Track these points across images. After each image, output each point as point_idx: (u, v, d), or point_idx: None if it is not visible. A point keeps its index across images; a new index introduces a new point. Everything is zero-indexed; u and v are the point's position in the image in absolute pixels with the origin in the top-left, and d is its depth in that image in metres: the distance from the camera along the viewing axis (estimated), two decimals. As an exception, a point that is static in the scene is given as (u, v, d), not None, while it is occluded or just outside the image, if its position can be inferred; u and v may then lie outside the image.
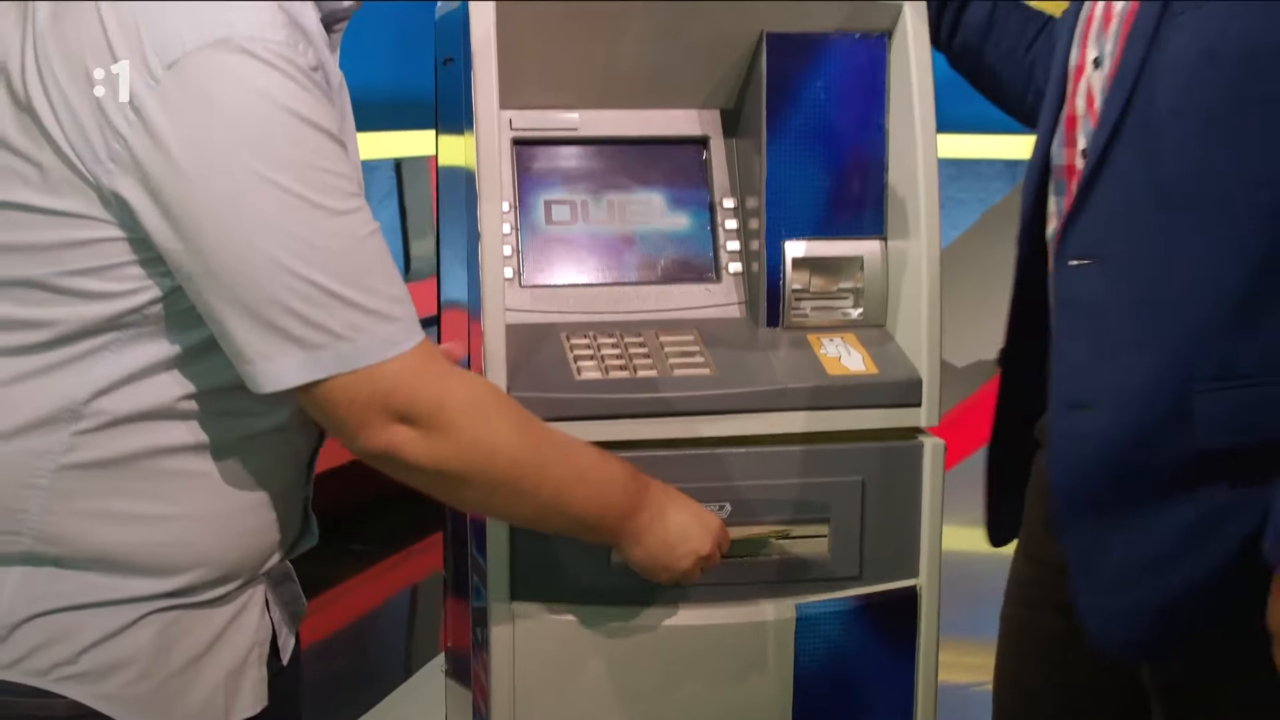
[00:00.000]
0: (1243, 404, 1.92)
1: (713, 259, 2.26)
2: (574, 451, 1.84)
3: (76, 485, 1.69)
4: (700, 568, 1.96)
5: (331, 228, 1.61)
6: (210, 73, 1.58)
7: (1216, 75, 1.88)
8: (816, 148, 2.18)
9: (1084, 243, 2.00)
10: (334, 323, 1.62)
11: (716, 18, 2.13)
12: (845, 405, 2.13)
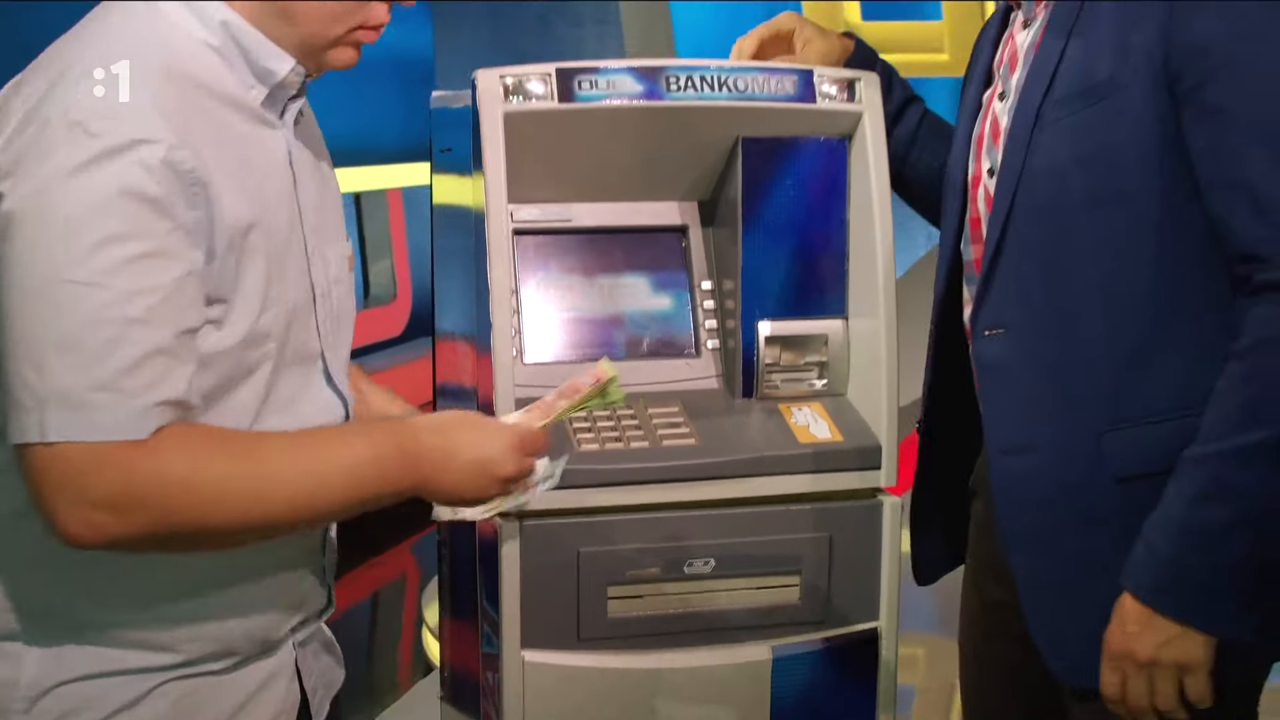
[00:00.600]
0: (1151, 439, 1.98)
1: (693, 336, 2.29)
2: (306, 457, 1.69)
3: (75, 562, 1.66)
4: (519, 479, 1.81)
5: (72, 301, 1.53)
6: None
7: (1081, 175, 1.97)
8: (786, 237, 2.23)
9: (993, 316, 2.06)
10: (40, 383, 1.54)
11: (699, 126, 2.17)
12: (814, 470, 2.18)
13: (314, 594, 1.86)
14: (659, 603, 2.16)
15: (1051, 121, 1.99)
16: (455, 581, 2.43)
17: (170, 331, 1.56)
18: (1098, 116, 1.95)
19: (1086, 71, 1.96)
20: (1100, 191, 1.96)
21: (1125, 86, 1.93)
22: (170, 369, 1.56)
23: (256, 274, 1.67)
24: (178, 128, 1.59)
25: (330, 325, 1.83)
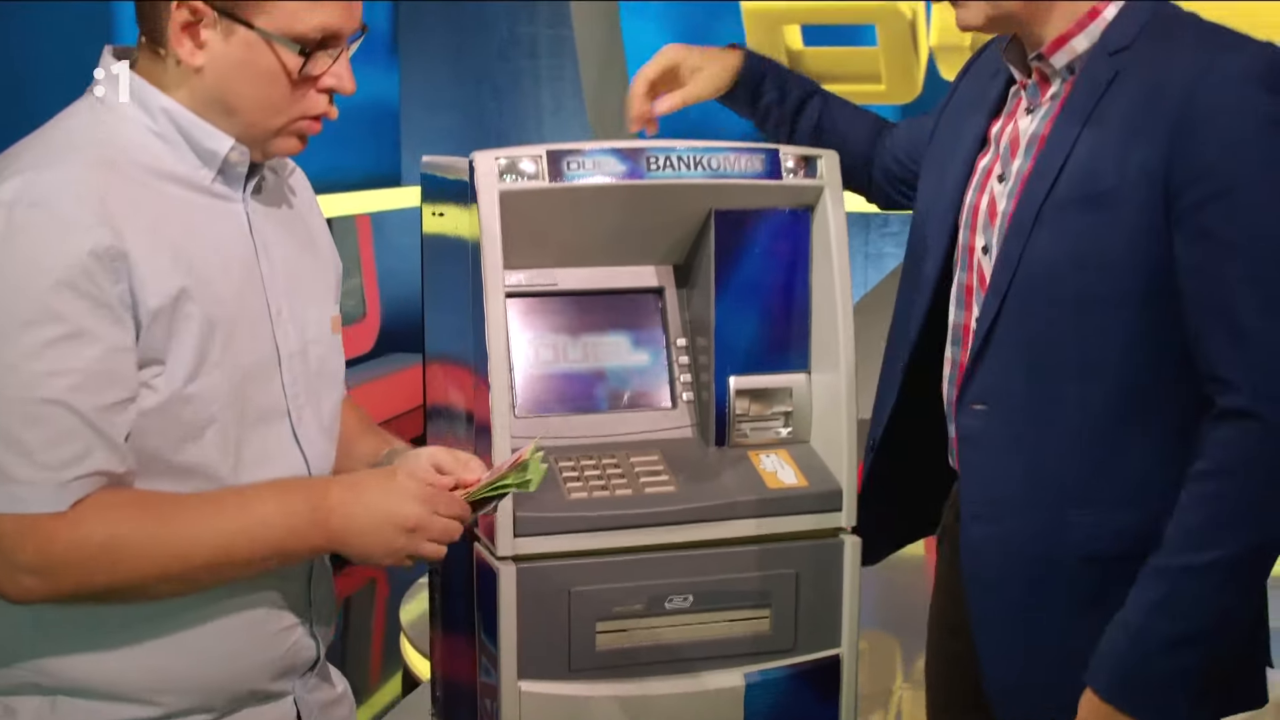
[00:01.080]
0: (1113, 524, 2.00)
1: (669, 389, 2.31)
2: (219, 517, 1.68)
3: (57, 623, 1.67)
4: (427, 539, 1.75)
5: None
6: None
7: (1075, 275, 1.96)
8: (754, 299, 2.24)
9: (980, 391, 2.06)
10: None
11: (675, 200, 2.19)
12: (782, 513, 2.20)
13: (301, 649, 1.85)
14: (643, 636, 2.18)
15: (1052, 220, 1.97)
16: (448, 607, 2.43)
17: (90, 407, 1.57)
18: (1096, 224, 1.94)
19: (1090, 178, 1.94)
20: (1091, 292, 1.95)
21: (1125, 199, 1.92)
22: (91, 444, 1.58)
23: (189, 336, 1.67)
24: (98, 205, 1.60)
25: (302, 385, 1.82)
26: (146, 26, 1.70)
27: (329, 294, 1.91)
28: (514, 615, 2.09)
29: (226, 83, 1.69)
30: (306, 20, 1.68)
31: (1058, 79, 2.03)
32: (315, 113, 1.75)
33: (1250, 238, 1.86)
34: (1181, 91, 1.87)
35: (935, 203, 2.18)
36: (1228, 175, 1.85)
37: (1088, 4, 1.98)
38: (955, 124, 2.22)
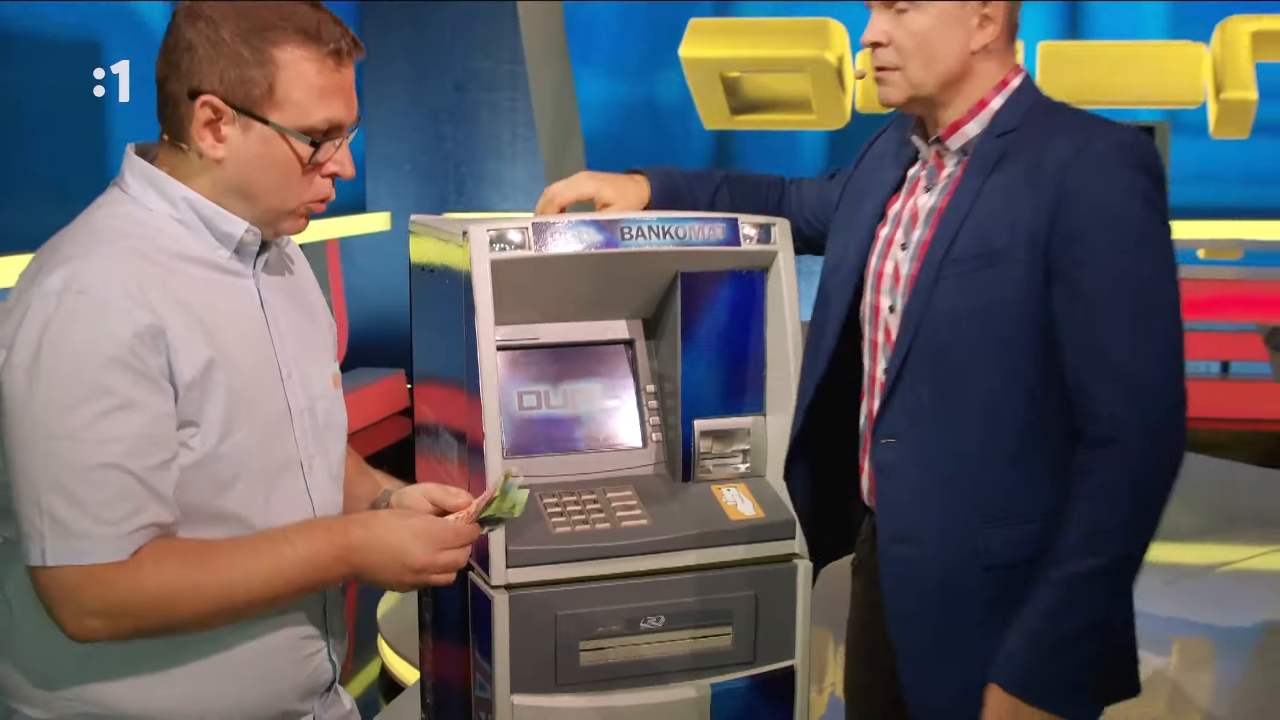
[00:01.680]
0: (1016, 537, 2.05)
1: (640, 430, 2.34)
2: (257, 563, 1.71)
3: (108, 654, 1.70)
4: (435, 571, 1.81)
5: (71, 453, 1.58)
6: None
7: (979, 321, 2.02)
8: (716, 351, 2.28)
9: (889, 429, 2.11)
10: (40, 521, 1.60)
11: (646, 264, 2.22)
12: (742, 542, 2.24)
13: (322, 671, 1.88)
14: (621, 653, 2.20)
15: (950, 275, 2.03)
16: (439, 622, 2.44)
17: (141, 468, 1.61)
18: (990, 278, 2.01)
19: (983, 239, 2.01)
20: (987, 338, 2.02)
21: (1014, 258, 1.98)
22: (144, 500, 1.62)
23: (218, 401, 1.70)
24: (137, 290, 1.63)
25: (312, 436, 1.85)
26: (170, 125, 1.74)
27: (328, 354, 1.94)
28: (507, 637, 2.12)
29: (245, 172, 1.72)
30: (315, 115, 1.72)
31: (953, 161, 2.11)
32: (321, 196, 1.79)
33: (1115, 292, 1.94)
34: (1059, 168, 1.96)
35: (840, 265, 2.23)
36: (1096, 239, 1.94)
37: (978, 96, 2.08)
38: (858, 198, 2.26)
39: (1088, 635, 1.98)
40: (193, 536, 1.70)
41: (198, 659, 1.74)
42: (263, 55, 1.69)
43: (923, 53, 2.05)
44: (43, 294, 1.62)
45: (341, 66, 1.74)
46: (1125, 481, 1.95)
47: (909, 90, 2.08)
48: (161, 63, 1.72)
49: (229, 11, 1.69)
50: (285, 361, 1.81)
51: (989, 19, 2.05)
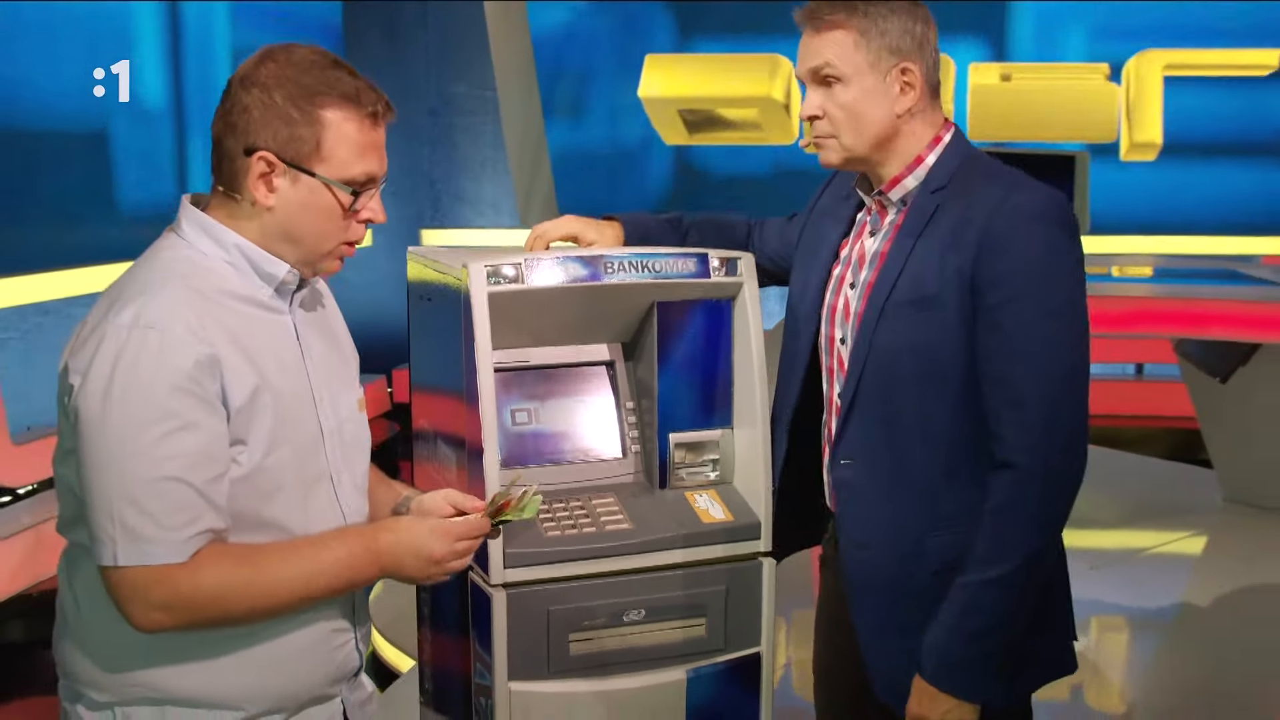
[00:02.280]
0: (953, 541, 2.10)
1: (620, 442, 2.36)
2: (300, 565, 1.77)
3: (167, 645, 1.76)
4: (452, 560, 1.87)
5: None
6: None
7: (916, 357, 2.08)
8: (688, 371, 2.32)
9: (846, 451, 2.17)
10: (112, 528, 1.66)
11: (626, 295, 2.26)
12: (713, 542, 2.28)
13: (350, 658, 1.93)
14: (606, 643, 2.23)
15: (892, 317, 2.08)
16: (436, 615, 2.48)
17: (200, 481, 1.68)
18: (925, 319, 2.06)
19: (919, 284, 2.06)
20: (923, 371, 2.08)
21: (944, 302, 2.04)
22: (202, 509, 1.69)
23: (264, 423, 1.76)
24: (196, 325, 1.70)
25: (340, 453, 1.89)
26: (225, 177, 1.79)
27: (353, 380, 1.98)
28: (505, 630, 2.16)
29: (293, 218, 1.79)
30: (355, 168, 1.79)
31: (893, 209, 2.17)
32: (355, 238, 1.84)
33: (1029, 332, 2.00)
34: (984, 221, 2.03)
35: (803, 299, 2.28)
36: (1016, 285, 2.00)
37: (914, 153, 2.14)
38: (816, 240, 2.31)
39: (988, 633, 2.05)
40: (241, 542, 1.76)
41: (244, 650, 1.78)
42: (311, 116, 1.76)
43: (852, 121, 2.11)
44: (115, 328, 1.68)
45: (377, 126, 1.82)
46: (1023, 502, 2.02)
47: (844, 154, 2.14)
48: (219, 123, 1.79)
49: (280, 78, 1.76)
50: (317, 388, 1.86)
51: (909, 85, 2.11)
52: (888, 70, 2.10)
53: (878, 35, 2.09)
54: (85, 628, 1.79)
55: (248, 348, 1.75)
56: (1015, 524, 2.03)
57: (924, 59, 2.13)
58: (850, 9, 2.09)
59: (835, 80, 2.11)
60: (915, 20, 2.11)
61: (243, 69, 1.79)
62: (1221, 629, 4.71)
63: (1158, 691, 4.24)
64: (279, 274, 1.82)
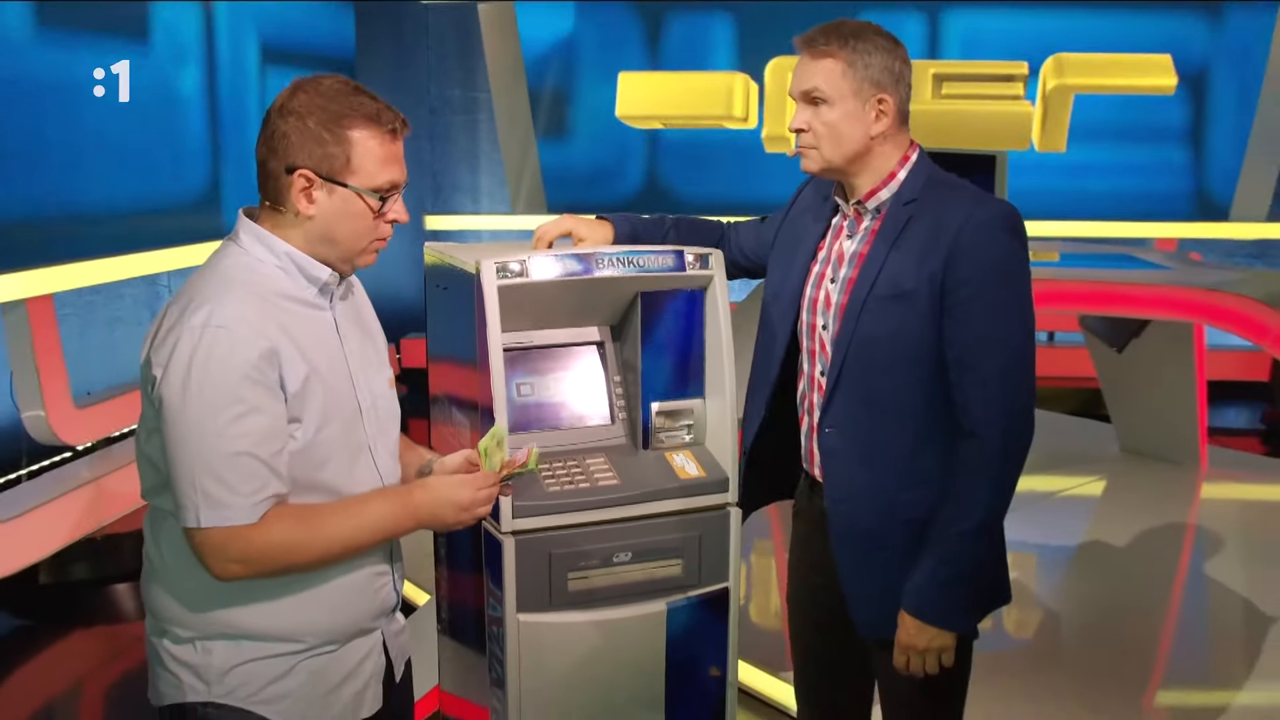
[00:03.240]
0: (923, 498, 2.14)
1: (609, 411, 2.40)
2: (350, 521, 1.81)
3: (241, 589, 1.80)
4: (477, 507, 1.89)
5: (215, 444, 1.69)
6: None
7: (893, 343, 2.11)
8: (667, 350, 2.35)
9: (830, 421, 2.19)
10: (195, 496, 1.70)
11: (614, 286, 2.30)
12: (688, 494, 2.32)
13: (389, 596, 1.96)
14: (599, 580, 2.28)
15: (872, 309, 2.11)
16: (452, 556, 2.52)
17: (266, 454, 1.73)
18: (901, 310, 2.10)
19: (896, 282, 2.10)
20: (899, 355, 2.11)
21: (919, 297, 2.08)
22: (268, 478, 1.73)
23: (315, 404, 1.80)
24: (258, 324, 1.73)
25: (376, 426, 1.92)
26: (270, 193, 1.82)
27: (384, 363, 1.99)
28: (514, 571, 2.21)
29: (331, 223, 1.82)
30: (380, 177, 1.81)
31: (869, 216, 2.20)
32: (386, 236, 1.87)
33: (987, 324, 2.07)
34: (953, 230, 2.07)
35: (782, 291, 2.30)
36: (979, 284, 2.06)
37: (887, 169, 2.19)
38: (794, 242, 2.31)
39: (964, 576, 2.13)
40: (300, 503, 1.80)
41: (303, 591, 1.83)
42: (340, 136, 1.79)
43: (832, 137, 2.16)
44: (190, 328, 1.72)
45: (396, 140, 1.84)
46: (986, 467, 2.08)
47: (823, 163, 2.19)
48: (262, 148, 1.82)
49: (311, 106, 1.80)
50: (355, 372, 1.90)
51: (884, 113, 2.15)
52: (868, 98, 2.14)
53: (863, 68, 2.13)
54: (169, 576, 1.84)
55: (299, 341, 1.79)
56: (980, 485, 2.09)
57: (899, 93, 2.17)
58: (842, 43, 2.14)
59: (822, 101, 2.15)
60: (895, 59, 2.16)
61: (279, 100, 1.81)
62: (1119, 560, 4.78)
63: (1066, 615, 4.31)
64: (322, 277, 1.85)
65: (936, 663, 2.15)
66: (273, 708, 1.82)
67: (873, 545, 2.20)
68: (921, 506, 2.15)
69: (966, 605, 2.16)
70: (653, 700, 2.36)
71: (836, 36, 2.15)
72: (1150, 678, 3.75)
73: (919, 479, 2.16)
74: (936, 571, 2.12)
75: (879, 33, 2.17)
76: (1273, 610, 4.25)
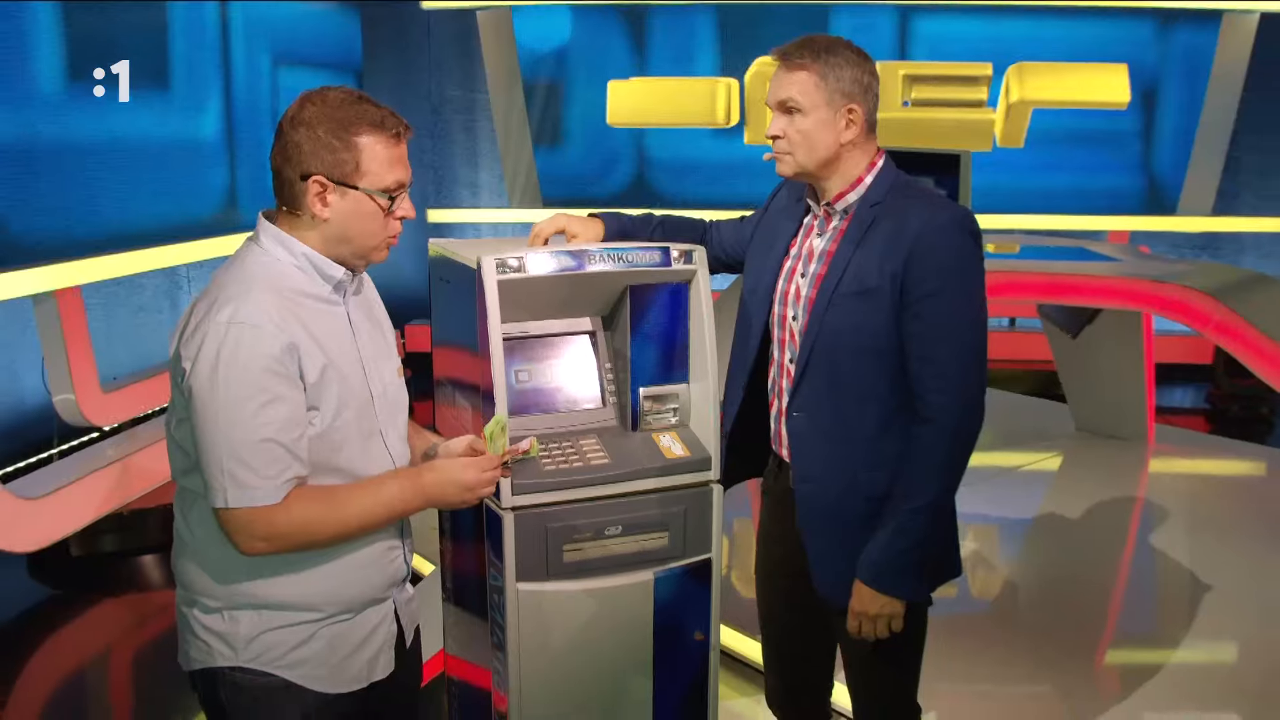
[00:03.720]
0: (882, 478, 2.17)
1: (600, 395, 2.39)
2: (365, 500, 1.83)
3: (265, 563, 1.82)
4: (481, 487, 1.92)
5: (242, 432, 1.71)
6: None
7: (856, 335, 2.15)
8: (654, 339, 2.35)
9: (798, 405, 2.23)
10: (223, 479, 1.72)
11: (605, 280, 2.30)
12: (674, 472, 2.32)
13: (400, 568, 1.99)
14: (591, 552, 2.28)
15: (839, 304, 2.15)
16: (456, 532, 2.50)
17: (288, 440, 1.75)
18: (865, 305, 2.13)
19: (861, 279, 2.13)
20: (862, 346, 2.15)
21: (882, 293, 2.11)
22: (290, 461, 1.76)
23: (332, 393, 1.82)
24: (279, 319, 1.75)
25: (387, 412, 1.94)
26: (286, 199, 1.84)
27: (392, 353, 2.02)
28: (513, 543, 2.22)
29: (345, 223, 1.83)
30: (388, 178, 1.83)
31: (837, 217, 2.24)
32: (395, 233, 1.88)
33: (944, 320, 2.10)
34: (914, 232, 2.11)
35: (758, 285, 2.33)
36: (935, 284, 2.09)
37: (855, 174, 2.21)
38: (770, 239, 2.35)
39: (914, 548, 2.17)
40: (319, 484, 1.83)
41: (322, 564, 1.86)
42: (348, 143, 1.81)
43: (806, 144, 2.18)
44: (216, 325, 1.74)
45: (400, 143, 1.85)
46: (939, 450, 2.12)
47: (796, 168, 2.22)
48: (277, 158, 1.84)
49: (320, 116, 1.81)
50: (367, 362, 1.92)
51: (853, 122, 2.18)
52: (839, 108, 2.16)
53: (835, 80, 2.15)
54: (198, 551, 1.86)
55: (316, 334, 1.81)
56: (933, 466, 2.12)
57: (867, 103, 2.19)
58: (815, 56, 2.16)
59: (796, 110, 2.17)
60: (864, 72, 2.18)
61: (289, 112, 1.82)
62: (1072, 531, 4.82)
63: (1024, 581, 4.35)
64: (336, 275, 1.87)
65: (887, 628, 2.19)
66: (295, 671, 1.85)
67: (835, 520, 2.23)
68: (881, 485, 2.19)
69: (916, 575, 2.19)
70: (641, 662, 2.37)
71: (810, 50, 2.17)
72: (1101, 638, 3.80)
73: (879, 460, 2.18)
74: (890, 544, 2.16)
75: (849, 47, 2.19)
76: (1212, 577, 4.29)
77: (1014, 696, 3.37)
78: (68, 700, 3.81)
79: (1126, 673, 3.57)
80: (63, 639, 4.24)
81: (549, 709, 2.31)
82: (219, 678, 1.85)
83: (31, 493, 4.43)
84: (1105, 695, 3.39)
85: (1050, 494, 5.24)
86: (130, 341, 6.10)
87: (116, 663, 4.14)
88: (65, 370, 4.86)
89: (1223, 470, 5.72)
